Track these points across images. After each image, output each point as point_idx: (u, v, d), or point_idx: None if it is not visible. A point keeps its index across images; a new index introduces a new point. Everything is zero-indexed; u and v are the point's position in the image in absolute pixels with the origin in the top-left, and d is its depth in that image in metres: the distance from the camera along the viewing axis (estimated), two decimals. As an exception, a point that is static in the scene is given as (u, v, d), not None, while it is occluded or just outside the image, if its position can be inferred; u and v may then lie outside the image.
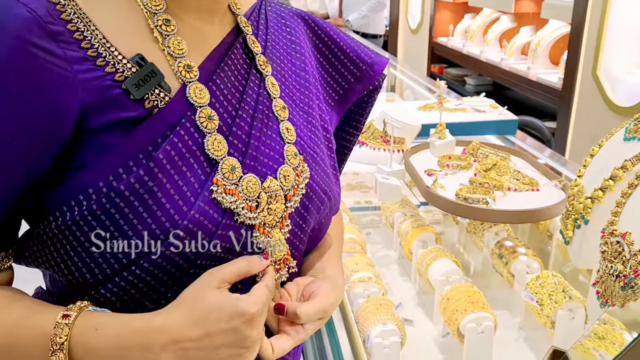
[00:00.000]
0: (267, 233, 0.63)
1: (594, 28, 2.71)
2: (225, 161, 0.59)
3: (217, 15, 0.66)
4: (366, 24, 4.65)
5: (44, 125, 0.54)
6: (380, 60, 0.81)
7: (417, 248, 1.11)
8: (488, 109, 1.65)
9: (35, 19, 0.53)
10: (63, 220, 0.55)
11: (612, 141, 0.88)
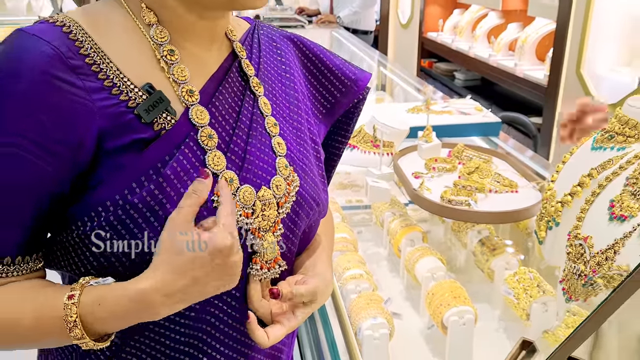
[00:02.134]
0: (261, 236, 0.71)
1: (578, 26, 2.78)
2: (224, 174, 0.67)
3: (215, 43, 0.74)
4: (357, 20, 4.70)
5: (68, 148, 0.62)
6: (363, 76, 0.89)
7: (405, 246, 1.19)
8: (473, 112, 1.73)
9: (57, 55, 0.61)
10: (84, 229, 0.63)
11: (581, 149, 0.97)
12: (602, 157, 0.87)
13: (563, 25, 2.89)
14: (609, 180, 0.79)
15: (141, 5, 0.68)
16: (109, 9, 0.69)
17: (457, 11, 4.52)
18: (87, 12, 0.67)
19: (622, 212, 0.72)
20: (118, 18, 0.68)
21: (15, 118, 0.60)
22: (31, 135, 0.60)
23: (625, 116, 0.82)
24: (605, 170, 0.84)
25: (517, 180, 1.27)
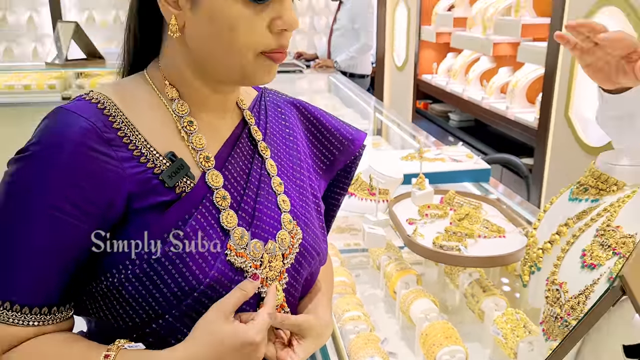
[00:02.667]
0: (268, 285, 0.79)
1: (565, 72, 2.90)
2: (235, 230, 0.76)
3: (227, 112, 0.84)
4: (353, 64, 4.84)
5: (101, 209, 0.71)
6: (359, 136, 0.99)
7: (401, 288, 1.27)
8: (464, 159, 1.82)
9: (94, 129, 0.71)
10: (112, 280, 0.72)
11: (560, 200, 1.05)
12: (578, 208, 0.96)
13: (551, 70, 3.01)
14: (581, 231, 0.88)
15: (164, 82, 0.78)
16: (135, 85, 0.79)
17: (451, 55, 4.65)
18: (117, 88, 0.77)
19: (592, 261, 0.81)
20: (144, 94, 0.78)
21: (59, 185, 0.69)
22: (72, 199, 0.69)
23: (597, 171, 0.91)
24: (580, 220, 0.93)
25: (504, 226, 1.35)
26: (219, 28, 0.73)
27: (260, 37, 0.74)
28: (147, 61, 0.83)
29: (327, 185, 0.99)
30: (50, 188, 0.69)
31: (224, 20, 0.72)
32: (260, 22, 0.73)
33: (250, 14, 0.72)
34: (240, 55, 0.74)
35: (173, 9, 0.74)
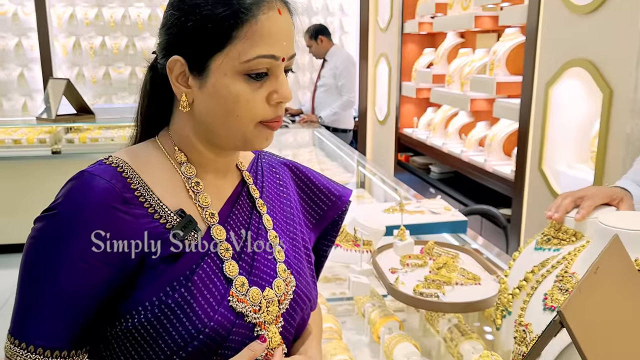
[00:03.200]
0: (266, 328, 0.88)
1: (538, 127, 3.05)
2: (237, 279, 0.86)
3: (229, 173, 0.95)
4: (337, 120, 5.00)
5: (120, 260, 0.80)
6: (346, 193, 1.10)
7: (384, 334, 1.35)
8: (442, 211, 1.93)
9: (114, 190, 0.81)
10: (126, 325, 0.80)
11: (527, 249, 1.16)
12: (542, 256, 1.07)
13: (524, 126, 3.17)
14: (544, 277, 0.98)
15: (174, 148, 0.89)
16: (148, 151, 0.90)
17: (431, 109, 4.82)
18: (133, 154, 0.88)
19: (552, 303, 0.91)
20: (156, 158, 0.89)
21: (83, 240, 0.78)
22: (94, 253, 0.78)
23: (558, 223, 1.02)
24: (543, 267, 1.03)
25: (480, 274, 1.45)
26: (223, 102, 0.83)
27: (260, 109, 0.85)
28: (156, 129, 0.94)
29: (317, 237, 1.09)
30: (75, 243, 0.78)
31: (228, 96, 0.83)
32: (259, 96, 0.84)
33: (250, 90, 0.83)
34: (242, 125, 0.85)
35: (184, 88, 0.85)
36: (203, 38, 0.82)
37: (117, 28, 5.78)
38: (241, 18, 0.81)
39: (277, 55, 0.83)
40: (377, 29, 5.80)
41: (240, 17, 0.81)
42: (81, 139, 4.32)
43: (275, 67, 0.84)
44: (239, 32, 0.81)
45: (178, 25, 0.84)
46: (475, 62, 3.84)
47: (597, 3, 2.51)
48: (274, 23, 0.83)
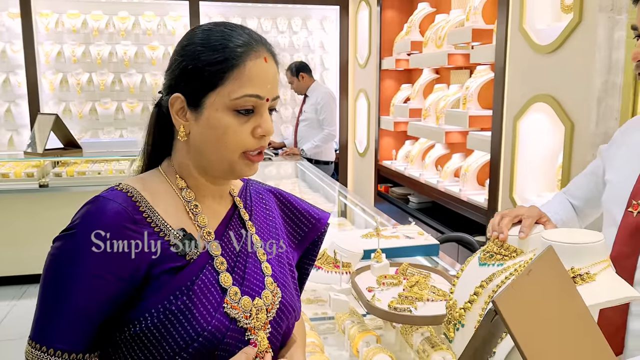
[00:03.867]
0: (255, 333, 1.01)
1: (508, 159, 3.22)
2: (231, 289, 0.99)
3: (222, 198, 1.09)
4: (318, 152, 5.17)
5: (129, 272, 0.93)
6: (324, 216, 1.24)
7: (362, 347, 1.47)
8: (416, 236, 2.08)
9: (125, 211, 0.94)
10: (134, 330, 0.93)
11: (470, 266, 1.29)
12: (488, 271, 1.20)
13: (496, 157, 3.34)
14: (494, 292, 1.12)
15: (176, 176, 1.03)
16: (154, 178, 1.04)
17: (409, 142, 5.00)
18: (140, 181, 1.02)
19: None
20: (160, 184, 1.02)
21: (98, 256, 0.91)
22: (108, 267, 0.91)
23: (500, 240, 1.16)
24: (491, 281, 1.17)
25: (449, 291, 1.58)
26: (215, 133, 0.99)
27: (245, 140, 0.99)
28: (159, 159, 1.08)
29: (300, 256, 1.23)
30: (91, 259, 0.91)
31: (219, 128, 0.98)
32: (245, 129, 0.99)
33: (238, 123, 0.98)
34: (229, 153, 1.00)
35: (183, 121, 1.00)
36: (200, 79, 0.98)
37: (104, 65, 5.92)
38: (232, 63, 0.96)
39: (261, 95, 0.98)
40: (357, 66, 6.02)
41: (232, 62, 0.97)
42: (69, 172, 4.41)
43: (260, 105, 0.99)
44: (230, 75, 0.96)
45: (180, 68, 0.99)
46: (449, 97, 4.03)
47: (558, 43, 2.72)
48: (260, 68, 0.98)
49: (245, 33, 1.00)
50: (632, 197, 1.35)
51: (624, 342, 1.33)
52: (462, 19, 3.84)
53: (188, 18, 5.89)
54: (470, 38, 3.56)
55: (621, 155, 1.48)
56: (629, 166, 1.41)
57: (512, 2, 3.09)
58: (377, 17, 5.22)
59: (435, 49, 4.18)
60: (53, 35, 5.83)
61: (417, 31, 4.63)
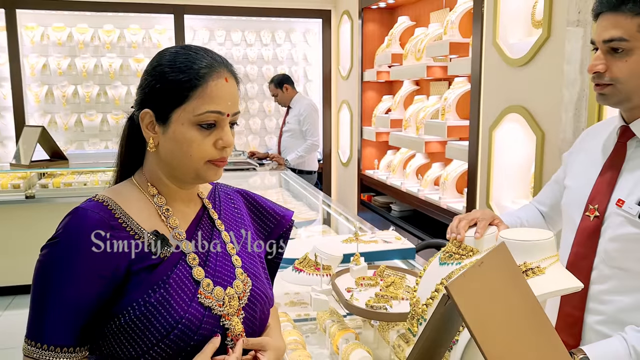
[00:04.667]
0: (229, 319, 1.12)
1: (484, 168, 3.34)
2: (203, 281, 1.11)
3: (192, 201, 1.21)
4: (302, 162, 5.28)
5: (110, 272, 1.03)
6: (288, 214, 1.37)
7: (342, 344, 1.57)
8: (394, 240, 2.18)
9: (102, 219, 1.05)
10: (119, 322, 1.03)
11: (432, 265, 1.39)
12: (447, 270, 1.30)
13: (473, 166, 3.46)
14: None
15: (147, 184, 1.15)
16: (127, 187, 1.15)
17: (390, 152, 5.11)
18: (115, 191, 1.14)
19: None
20: (133, 193, 1.14)
21: (81, 259, 1.02)
22: (91, 268, 1.02)
23: (457, 241, 1.27)
24: (450, 279, 1.26)
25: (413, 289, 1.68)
26: (180, 145, 1.10)
27: (208, 151, 1.11)
28: (132, 170, 1.19)
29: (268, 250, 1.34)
30: (75, 262, 1.02)
31: (184, 140, 1.10)
32: (208, 141, 1.11)
33: (201, 137, 1.10)
34: (194, 163, 1.11)
35: (152, 134, 1.12)
36: (167, 96, 1.09)
37: (89, 77, 5.99)
38: (196, 83, 1.09)
39: (222, 111, 1.10)
40: (339, 78, 6.15)
41: (195, 82, 1.09)
42: (55, 183, 4.47)
43: (221, 120, 1.11)
44: (193, 93, 1.08)
45: (150, 87, 1.12)
46: (429, 108, 4.16)
47: (529, 57, 2.85)
48: (221, 88, 1.10)
49: (208, 56, 1.12)
50: (589, 201, 1.45)
51: (581, 334, 1.44)
52: (440, 33, 3.97)
53: (173, 31, 5.98)
54: (447, 51, 3.69)
55: (580, 161, 1.59)
56: (586, 172, 1.52)
57: (486, 17, 3.22)
58: (359, 30, 5.35)
59: (414, 62, 4.31)
60: (38, 48, 5.89)
61: (398, 44, 4.76)
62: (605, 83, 1.37)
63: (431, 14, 4.52)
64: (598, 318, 1.40)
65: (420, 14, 4.77)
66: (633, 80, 1.34)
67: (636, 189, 1.36)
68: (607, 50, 1.36)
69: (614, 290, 1.38)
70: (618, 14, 1.32)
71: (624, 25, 1.31)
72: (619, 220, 1.37)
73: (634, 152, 1.42)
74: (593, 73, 1.39)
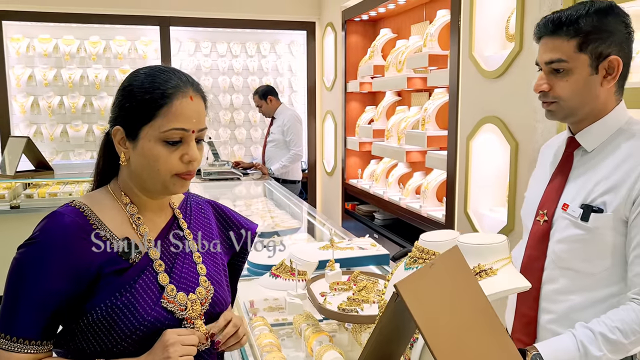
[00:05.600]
0: (192, 322, 1.20)
1: (462, 177, 3.42)
2: (168, 286, 1.18)
3: (162, 210, 1.28)
4: (286, 172, 5.35)
5: (82, 273, 1.10)
6: (253, 226, 1.46)
7: (315, 345, 1.63)
8: (369, 247, 2.25)
9: (77, 223, 1.13)
10: (87, 321, 1.11)
11: (398, 270, 1.45)
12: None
13: (451, 175, 3.54)
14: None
15: (121, 193, 1.22)
16: (102, 196, 1.22)
17: (374, 161, 5.18)
18: (91, 198, 1.21)
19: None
20: (107, 201, 1.21)
21: (55, 260, 1.09)
22: (63, 268, 1.09)
23: (421, 247, 1.34)
24: None
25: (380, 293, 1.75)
26: (148, 160, 1.18)
27: (174, 166, 1.19)
28: (108, 179, 1.27)
29: (231, 257, 1.43)
30: (49, 262, 1.09)
31: (151, 156, 1.17)
32: (174, 156, 1.18)
33: (167, 152, 1.18)
34: (161, 176, 1.19)
35: (123, 149, 1.20)
36: (136, 115, 1.18)
37: (75, 88, 6.03)
38: (161, 102, 1.17)
39: (187, 128, 1.18)
40: (324, 88, 6.23)
41: (161, 102, 1.17)
42: (40, 194, 4.50)
43: (187, 136, 1.18)
44: (160, 112, 1.16)
45: (120, 105, 1.20)
46: (410, 118, 4.24)
47: (503, 69, 2.94)
48: (186, 106, 1.18)
49: (175, 76, 1.20)
50: (540, 207, 1.55)
51: (536, 333, 1.52)
52: (420, 45, 4.07)
53: (159, 43, 6.04)
54: (427, 63, 3.78)
55: (536, 173, 1.70)
56: (540, 182, 1.62)
57: (462, 31, 3.32)
58: (342, 42, 5.44)
59: (396, 73, 4.39)
60: (24, 59, 5.92)
61: (380, 56, 4.86)
62: (550, 101, 1.47)
63: (412, 27, 4.62)
64: (550, 317, 1.49)
65: (402, 27, 4.87)
66: (575, 97, 1.44)
67: (580, 193, 1.46)
68: (550, 71, 1.46)
69: (564, 290, 1.46)
70: (556, 38, 1.43)
71: (563, 47, 1.42)
72: (565, 223, 1.46)
73: (580, 160, 1.52)
74: (539, 92, 1.48)
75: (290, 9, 6.19)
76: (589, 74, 1.43)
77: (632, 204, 1.37)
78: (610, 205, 1.40)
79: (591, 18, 1.40)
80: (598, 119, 1.48)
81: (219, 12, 5.99)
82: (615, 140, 1.47)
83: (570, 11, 1.43)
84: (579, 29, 1.41)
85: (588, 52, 1.42)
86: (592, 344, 1.31)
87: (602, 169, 1.45)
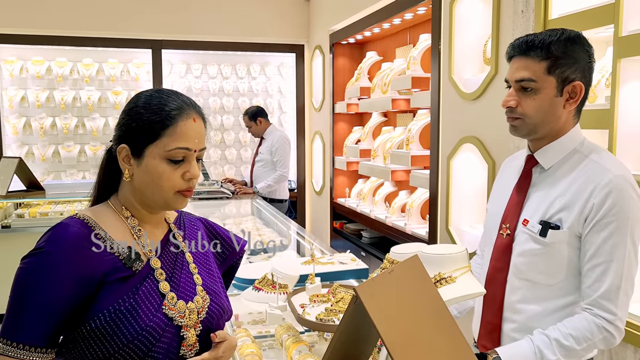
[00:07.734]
0: (187, 330, 1.27)
1: (444, 195, 3.53)
2: (168, 294, 1.25)
3: (160, 224, 1.36)
4: (272, 191, 5.44)
5: (85, 281, 1.17)
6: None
7: (295, 355, 1.71)
8: (349, 262, 2.34)
9: (83, 233, 1.20)
10: (90, 327, 1.17)
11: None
12: None
13: (434, 193, 3.65)
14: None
15: (122, 207, 1.30)
16: (104, 209, 1.30)
17: (361, 181, 5.28)
18: (94, 211, 1.28)
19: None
20: (109, 213, 1.29)
21: (61, 268, 1.16)
22: (69, 277, 1.16)
23: (391, 258, 1.44)
24: None
25: (371, 306, 1.84)
26: (151, 177, 1.26)
27: (177, 183, 1.27)
28: (107, 195, 1.34)
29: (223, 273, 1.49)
30: (56, 269, 1.15)
31: (155, 173, 1.26)
32: (177, 173, 1.27)
33: (170, 170, 1.26)
34: (164, 193, 1.28)
35: (127, 166, 1.28)
36: (142, 134, 1.26)
37: (67, 109, 6.12)
38: (167, 123, 1.25)
39: (190, 148, 1.27)
40: (312, 109, 6.36)
41: (166, 122, 1.25)
42: (31, 213, 4.56)
43: (189, 155, 1.28)
44: (165, 132, 1.25)
45: (127, 125, 1.28)
46: (395, 139, 4.35)
47: (480, 92, 3.07)
48: (190, 127, 1.27)
49: (179, 99, 1.29)
50: (502, 221, 1.66)
51: (500, 340, 1.61)
52: (404, 68, 4.19)
53: (151, 65, 6.15)
54: (410, 85, 3.91)
55: (497, 187, 1.81)
56: (502, 196, 1.73)
57: (442, 54, 3.45)
58: (330, 64, 5.58)
59: (381, 95, 4.52)
60: (17, 81, 6.02)
61: (366, 78, 4.99)
62: (516, 117, 1.58)
63: (397, 50, 4.76)
64: (513, 326, 1.58)
65: (387, 50, 5.01)
66: (539, 115, 1.55)
67: (538, 210, 1.56)
68: (519, 89, 1.57)
69: (524, 300, 1.56)
70: (528, 58, 1.54)
71: (532, 68, 1.53)
72: (525, 237, 1.56)
73: (538, 177, 1.63)
74: (506, 107, 1.59)
75: (280, 32, 6.33)
76: (555, 95, 1.54)
77: (584, 221, 1.48)
78: (566, 222, 1.51)
79: (562, 44, 1.52)
80: (556, 139, 1.59)
81: (210, 35, 6.12)
82: (570, 159, 1.58)
83: (543, 36, 1.54)
84: (549, 53, 1.52)
85: (555, 75, 1.53)
86: (548, 348, 1.41)
87: (558, 187, 1.56)
